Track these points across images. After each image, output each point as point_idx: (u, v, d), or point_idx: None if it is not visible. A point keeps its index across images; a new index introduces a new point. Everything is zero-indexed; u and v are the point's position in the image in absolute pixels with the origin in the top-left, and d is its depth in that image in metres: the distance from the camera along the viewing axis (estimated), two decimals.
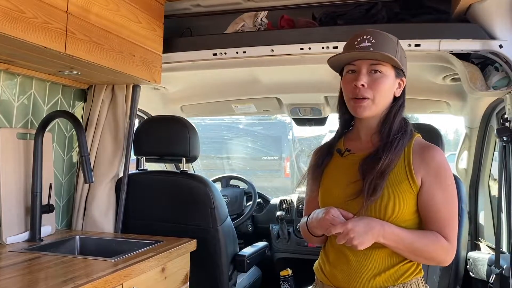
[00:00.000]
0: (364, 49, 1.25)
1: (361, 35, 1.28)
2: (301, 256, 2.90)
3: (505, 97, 1.80)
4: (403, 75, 1.32)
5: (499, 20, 1.73)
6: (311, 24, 2.09)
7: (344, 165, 1.35)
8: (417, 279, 1.28)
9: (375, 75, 1.27)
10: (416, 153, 1.28)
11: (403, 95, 1.34)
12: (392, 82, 1.29)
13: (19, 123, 1.84)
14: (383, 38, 1.28)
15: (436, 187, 1.24)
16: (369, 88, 1.26)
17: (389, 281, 1.25)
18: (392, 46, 1.28)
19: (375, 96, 1.26)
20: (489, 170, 2.51)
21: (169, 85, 2.64)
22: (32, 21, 1.35)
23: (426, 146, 1.30)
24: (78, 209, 2.10)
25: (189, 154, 2.16)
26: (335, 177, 1.35)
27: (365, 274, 1.25)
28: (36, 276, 1.33)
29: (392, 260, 1.26)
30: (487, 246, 2.28)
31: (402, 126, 1.31)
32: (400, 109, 1.32)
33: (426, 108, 2.72)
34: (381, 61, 1.26)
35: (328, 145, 1.42)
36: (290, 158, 7.44)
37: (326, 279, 1.34)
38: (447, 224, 1.24)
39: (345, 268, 1.28)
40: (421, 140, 1.33)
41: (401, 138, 1.28)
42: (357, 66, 1.28)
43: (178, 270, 1.81)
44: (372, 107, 1.27)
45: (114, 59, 1.74)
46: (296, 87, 2.62)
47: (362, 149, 1.33)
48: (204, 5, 2.12)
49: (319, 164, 1.39)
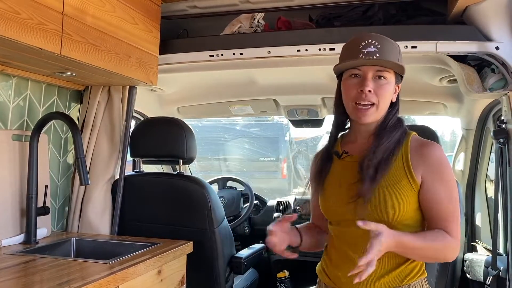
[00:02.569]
0: (370, 54, 1.24)
1: (365, 39, 1.27)
2: (298, 258, 2.88)
3: (502, 99, 1.80)
4: (400, 81, 1.33)
5: (496, 22, 1.73)
6: (308, 25, 2.09)
7: (343, 167, 1.34)
8: (421, 280, 1.28)
9: (380, 81, 1.26)
10: (414, 150, 1.28)
11: (398, 100, 1.35)
12: (393, 88, 1.30)
13: (15, 125, 1.83)
14: (388, 44, 1.28)
15: (438, 183, 1.24)
16: (374, 93, 1.26)
17: (393, 282, 1.24)
18: (396, 53, 1.28)
19: (380, 102, 1.27)
20: (486, 171, 2.52)
21: (166, 87, 2.63)
22: (27, 22, 1.34)
23: (424, 142, 1.30)
24: (74, 211, 2.09)
25: (186, 156, 2.15)
26: (334, 180, 1.34)
27: (369, 276, 1.24)
28: (31, 279, 1.32)
29: (396, 261, 1.25)
30: (484, 248, 2.28)
31: (396, 124, 1.32)
32: (396, 114, 1.33)
33: (423, 109, 2.72)
34: (388, 68, 1.26)
35: (326, 149, 1.42)
36: (287, 160, 7.44)
37: (329, 280, 1.34)
38: (451, 219, 1.24)
39: (348, 270, 1.27)
40: (418, 138, 1.33)
41: (394, 129, 1.30)
42: (363, 71, 1.27)
43: (175, 273, 1.80)
44: (375, 113, 1.28)
45: (110, 61, 1.74)
46: (293, 88, 2.62)
47: (360, 150, 1.33)
48: (200, 6, 2.12)
49: (321, 170, 1.38)
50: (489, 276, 1.94)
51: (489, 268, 1.96)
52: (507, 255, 1.79)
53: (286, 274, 2.89)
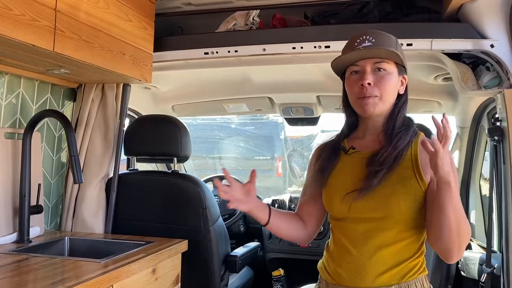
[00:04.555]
0: (365, 48, 1.25)
1: (360, 35, 1.28)
2: (293, 256, 2.89)
3: (496, 96, 1.81)
4: (405, 72, 1.33)
5: (490, 20, 1.74)
6: (303, 23, 2.08)
7: (350, 163, 1.34)
8: (421, 278, 1.28)
9: (380, 73, 1.27)
10: (423, 151, 1.27)
11: (406, 93, 1.35)
12: (396, 79, 1.30)
13: (7, 123, 1.81)
14: (383, 37, 1.28)
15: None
16: (375, 86, 1.26)
17: (394, 279, 1.24)
18: (393, 44, 1.29)
19: (382, 94, 1.26)
20: (480, 169, 2.52)
21: (160, 84, 2.62)
22: (20, 19, 1.33)
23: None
24: (68, 209, 2.08)
25: (180, 154, 2.14)
26: (341, 176, 1.33)
27: (370, 272, 1.24)
28: (25, 278, 1.31)
29: (398, 258, 1.25)
30: (478, 246, 2.29)
31: (405, 122, 1.32)
32: (403, 106, 1.33)
33: (418, 107, 2.72)
34: (385, 59, 1.26)
35: (332, 145, 1.41)
36: (282, 158, 7.44)
37: (330, 277, 1.33)
38: None
39: (349, 266, 1.27)
40: (426, 139, 1.33)
41: (404, 131, 1.29)
42: (361, 66, 1.27)
43: (169, 271, 1.79)
44: (379, 104, 1.27)
45: (104, 58, 1.72)
46: (288, 86, 2.61)
47: (368, 147, 1.32)
48: (195, 3, 2.10)
49: (327, 165, 1.37)
50: (484, 274, 1.95)
51: (484, 266, 1.97)
52: (501, 253, 1.80)
53: (281, 272, 2.88)
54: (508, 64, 1.72)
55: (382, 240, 1.24)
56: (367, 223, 1.26)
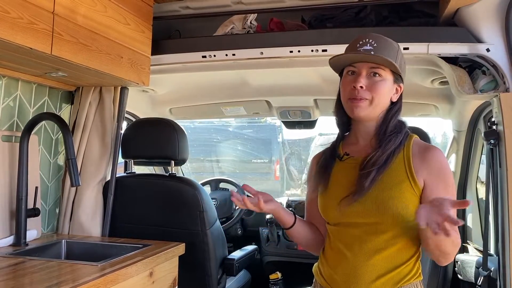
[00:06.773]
0: (365, 52, 1.26)
1: (363, 38, 1.28)
2: (290, 259, 2.89)
3: (492, 100, 1.82)
4: (401, 81, 1.33)
5: (486, 24, 1.75)
6: (300, 27, 2.09)
7: (344, 169, 1.34)
8: (416, 283, 1.28)
9: (374, 78, 1.28)
10: (416, 153, 1.28)
11: (400, 101, 1.35)
12: (390, 86, 1.30)
13: (4, 126, 1.81)
14: (385, 43, 1.29)
15: (441, 187, 1.24)
16: (368, 90, 1.27)
17: (388, 284, 1.24)
18: (393, 52, 1.29)
19: (373, 98, 1.27)
20: (477, 173, 2.53)
21: (158, 87, 2.62)
22: (17, 22, 1.33)
23: (427, 146, 1.31)
24: (65, 212, 2.07)
25: (178, 157, 2.14)
26: (336, 182, 1.34)
27: (365, 277, 1.24)
28: (21, 281, 1.31)
29: (393, 263, 1.25)
30: (475, 249, 2.29)
31: (397, 126, 1.32)
32: (396, 113, 1.33)
33: (415, 111, 2.73)
34: (381, 65, 1.27)
35: (331, 148, 1.42)
36: (280, 161, 7.45)
37: (325, 282, 1.33)
38: None
39: (344, 271, 1.27)
40: (419, 141, 1.34)
41: (396, 134, 1.29)
42: (357, 68, 1.29)
43: (166, 274, 1.79)
44: (369, 108, 1.28)
45: (102, 61, 1.72)
46: (286, 90, 2.62)
47: (362, 152, 1.33)
48: (193, 7, 2.11)
49: (325, 170, 1.37)
50: (480, 277, 1.95)
51: (480, 269, 1.97)
52: (498, 256, 1.80)
53: (279, 275, 2.88)
54: (504, 68, 1.73)
55: (377, 245, 1.24)
56: (362, 227, 1.26)
